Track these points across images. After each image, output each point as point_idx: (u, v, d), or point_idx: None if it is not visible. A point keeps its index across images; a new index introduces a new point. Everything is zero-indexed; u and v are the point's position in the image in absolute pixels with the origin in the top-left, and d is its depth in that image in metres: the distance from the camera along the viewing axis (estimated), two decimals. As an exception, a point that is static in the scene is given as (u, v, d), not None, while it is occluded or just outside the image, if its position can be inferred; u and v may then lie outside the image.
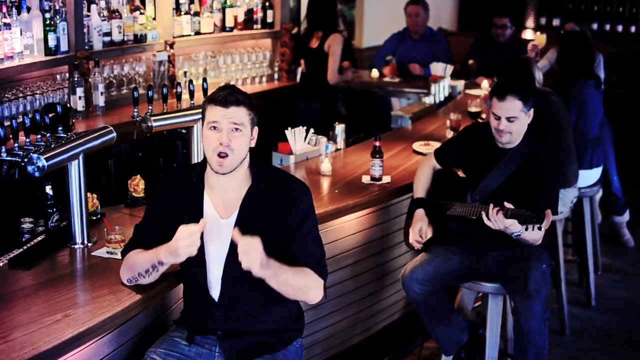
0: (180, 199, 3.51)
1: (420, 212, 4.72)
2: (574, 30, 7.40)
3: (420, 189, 4.85)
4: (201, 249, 3.39)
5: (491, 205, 4.22)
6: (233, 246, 3.33)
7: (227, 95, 3.37)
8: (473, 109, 6.76)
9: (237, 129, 3.37)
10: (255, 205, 3.45)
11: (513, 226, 4.20)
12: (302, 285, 3.43)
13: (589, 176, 6.08)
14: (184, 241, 3.26)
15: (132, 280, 3.48)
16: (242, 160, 3.43)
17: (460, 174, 4.93)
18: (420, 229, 4.67)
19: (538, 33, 9.99)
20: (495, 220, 4.20)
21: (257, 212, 3.44)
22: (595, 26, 11.06)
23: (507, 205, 4.18)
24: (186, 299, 3.62)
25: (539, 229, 4.11)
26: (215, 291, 3.47)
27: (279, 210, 3.43)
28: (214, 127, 3.37)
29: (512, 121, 4.48)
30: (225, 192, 3.48)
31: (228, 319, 3.47)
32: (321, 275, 3.51)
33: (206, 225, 3.35)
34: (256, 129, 3.47)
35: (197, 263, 3.44)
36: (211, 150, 3.37)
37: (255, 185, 3.47)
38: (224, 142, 3.34)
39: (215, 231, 3.45)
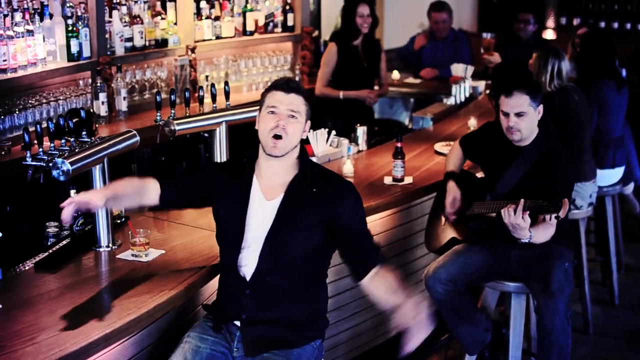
0: (229, 183, 3.68)
1: (452, 184, 4.82)
2: (595, 30, 7.36)
3: (451, 165, 4.96)
4: (241, 229, 3.57)
5: (505, 209, 4.21)
6: (274, 226, 3.54)
7: (289, 82, 3.62)
8: None
9: (293, 116, 3.56)
10: (300, 191, 3.59)
11: (521, 230, 4.19)
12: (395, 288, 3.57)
13: (611, 175, 6.07)
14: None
15: None
16: (294, 147, 3.60)
17: (480, 174, 4.94)
18: (454, 199, 4.76)
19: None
20: (508, 216, 4.19)
21: (301, 198, 3.58)
22: (615, 25, 11.00)
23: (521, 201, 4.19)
24: (220, 280, 3.73)
25: (557, 218, 4.09)
26: (247, 269, 3.55)
27: (321, 200, 3.57)
28: (272, 112, 3.57)
29: (521, 116, 4.48)
30: (273, 176, 3.64)
31: (256, 298, 3.53)
32: (380, 263, 3.62)
33: (250, 206, 3.60)
34: (309, 122, 3.67)
35: (234, 241, 3.58)
36: (267, 132, 3.55)
37: (302, 172, 3.63)
38: (281, 124, 3.52)
39: (259, 212, 3.59)
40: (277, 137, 3.52)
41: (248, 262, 3.55)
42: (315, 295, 3.67)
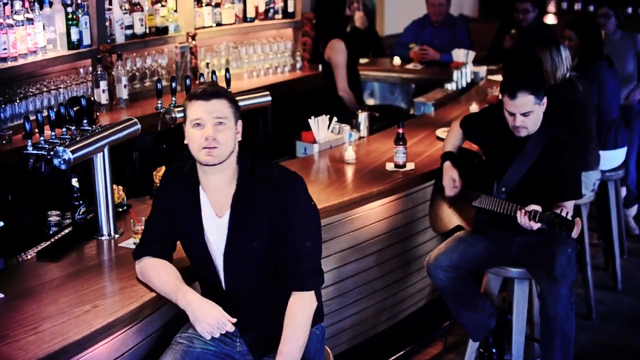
0: (182, 193, 3.47)
1: (447, 164, 4.80)
2: (584, 15, 7.41)
3: (448, 146, 4.94)
4: (205, 248, 3.42)
5: (520, 212, 4.22)
6: (228, 244, 3.38)
7: (207, 88, 3.33)
8: None
9: (221, 123, 3.30)
10: (245, 203, 3.38)
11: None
12: (306, 324, 3.38)
13: (613, 157, 6.07)
14: (210, 324, 3.29)
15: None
16: (231, 153, 3.35)
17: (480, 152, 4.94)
18: (452, 178, 4.74)
19: None
20: (524, 223, 4.21)
21: (248, 210, 3.37)
22: (629, 10, 10.96)
23: (535, 207, 4.18)
24: (202, 292, 3.56)
25: (568, 237, 4.11)
26: (221, 285, 3.45)
27: (269, 205, 3.34)
28: (198, 124, 3.29)
29: (527, 115, 4.46)
30: (216, 191, 3.41)
31: (241, 309, 3.41)
32: (309, 286, 3.40)
33: (206, 223, 3.39)
34: (240, 123, 3.40)
35: (205, 262, 3.45)
36: (197, 147, 3.30)
37: (242, 182, 3.39)
38: (210, 137, 3.27)
39: (214, 229, 3.42)
40: (210, 147, 3.27)
41: (219, 279, 3.45)
42: None
